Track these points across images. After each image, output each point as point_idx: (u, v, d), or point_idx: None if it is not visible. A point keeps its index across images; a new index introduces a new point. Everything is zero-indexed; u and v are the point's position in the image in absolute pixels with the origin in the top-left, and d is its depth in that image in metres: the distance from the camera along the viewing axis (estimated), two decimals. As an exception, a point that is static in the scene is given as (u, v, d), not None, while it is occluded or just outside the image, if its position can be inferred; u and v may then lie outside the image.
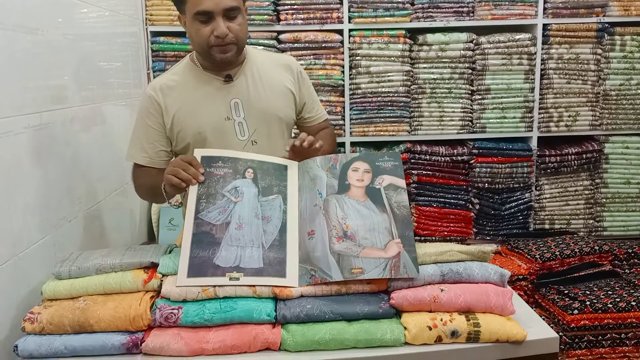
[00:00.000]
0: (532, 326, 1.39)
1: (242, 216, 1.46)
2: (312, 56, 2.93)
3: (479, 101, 2.98)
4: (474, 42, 2.94)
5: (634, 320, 2.17)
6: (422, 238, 3.02)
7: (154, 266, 1.45)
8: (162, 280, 1.41)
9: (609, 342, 2.19)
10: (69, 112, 1.92)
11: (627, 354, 2.20)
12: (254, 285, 1.37)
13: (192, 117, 1.73)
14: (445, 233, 3.03)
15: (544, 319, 1.54)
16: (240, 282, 1.37)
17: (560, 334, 2.14)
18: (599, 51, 2.98)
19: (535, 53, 2.95)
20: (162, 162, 1.77)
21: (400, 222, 1.45)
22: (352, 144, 3.02)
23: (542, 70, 2.98)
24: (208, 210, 1.46)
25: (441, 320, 1.34)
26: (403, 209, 1.46)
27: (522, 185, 3.03)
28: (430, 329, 1.32)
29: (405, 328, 1.33)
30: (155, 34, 2.94)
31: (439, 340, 1.32)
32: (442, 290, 1.37)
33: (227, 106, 1.75)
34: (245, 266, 1.39)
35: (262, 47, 2.84)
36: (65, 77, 1.93)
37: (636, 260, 2.68)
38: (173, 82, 1.76)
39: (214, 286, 1.36)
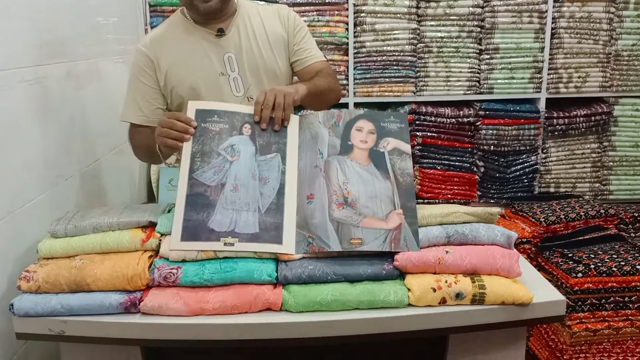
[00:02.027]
0: (538, 289, 1.36)
1: (238, 177, 1.41)
2: (315, 12, 2.83)
3: (487, 61, 2.90)
4: (483, -2, 2.84)
5: (638, 284, 2.15)
6: (425, 201, 2.98)
7: (152, 225, 1.42)
8: (160, 240, 1.38)
9: (612, 305, 2.17)
10: (65, 67, 1.86)
11: (629, 317, 2.18)
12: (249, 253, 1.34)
13: (185, 73, 1.67)
14: (449, 196, 3.00)
15: (548, 282, 1.51)
16: (234, 247, 1.33)
17: (565, 299, 2.12)
18: (612, 10, 2.88)
19: (547, 11, 2.85)
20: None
21: (403, 191, 1.39)
22: (356, 104, 2.95)
23: (552, 29, 2.89)
24: (203, 169, 1.40)
25: (446, 282, 1.31)
26: (407, 177, 1.41)
27: (528, 147, 2.98)
28: (434, 290, 1.29)
29: (408, 289, 1.31)
30: (153, -12, 2.83)
31: (443, 302, 1.30)
32: (447, 251, 1.34)
33: (220, 61, 1.69)
34: (241, 231, 1.35)
35: (263, 2, 2.75)
36: (61, 31, 1.86)
37: (642, 225, 2.65)
38: (164, 37, 1.70)
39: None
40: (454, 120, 2.90)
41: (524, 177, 3.02)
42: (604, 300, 2.17)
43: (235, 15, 1.72)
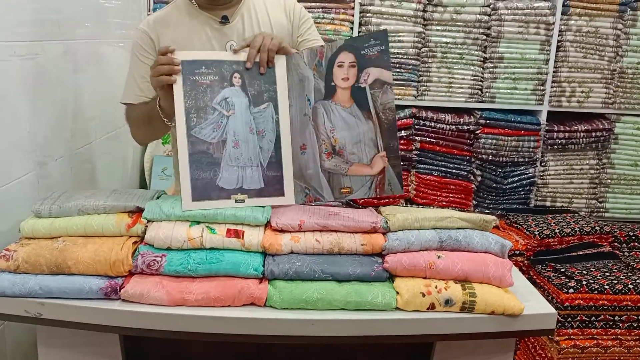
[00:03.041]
0: (529, 300, 1.34)
1: (237, 132, 1.43)
2: (320, 9, 2.80)
3: (491, 69, 2.88)
4: (491, 6, 2.81)
5: (629, 303, 2.13)
6: (420, 207, 2.95)
7: (139, 211, 1.38)
8: (146, 226, 1.35)
9: (602, 323, 2.15)
10: (62, 46, 1.82)
11: (619, 336, 2.16)
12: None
13: None
14: (444, 203, 2.96)
15: (540, 295, 1.49)
16: (245, 203, 1.39)
17: (554, 310, 2.10)
18: (620, 26, 2.85)
19: (554, 23, 2.82)
20: None
21: (385, 130, 1.39)
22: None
23: (558, 41, 2.86)
24: (201, 126, 1.40)
25: (436, 287, 1.28)
26: (389, 113, 1.39)
27: (527, 159, 2.95)
28: (423, 295, 1.27)
29: (397, 293, 1.28)
30: (158, -27, 2.80)
31: (431, 307, 1.27)
32: (439, 256, 1.31)
33: (222, 48, 1.66)
34: (248, 187, 1.41)
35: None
36: (60, 10, 1.82)
37: (636, 244, 2.62)
38: (167, 18, 1.67)
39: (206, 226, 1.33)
40: (453, 127, 2.87)
41: (521, 189, 2.99)
42: (594, 318, 2.14)
43: (241, 4, 1.70)
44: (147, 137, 1.78)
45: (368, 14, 2.80)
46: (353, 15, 2.81)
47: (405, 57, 2.83)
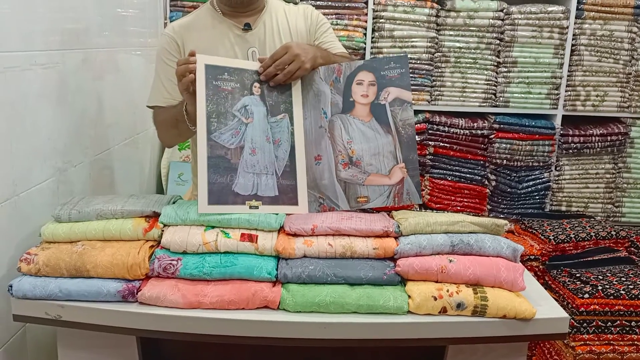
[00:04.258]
0: (541, 304, 1.34)
1: (254, 140, 1.46)
2: (334, 15, 2.82)
3: (505, 74, 2.87)
4: (504, 11, 2.81)
5: (646, 308, 2.11)
6: (434, 211, 2.95)
7: (155, 215, 1.41)
8: (163, 231, 1.38)
9: (618, 329, 2.13)
10: (82, 54, 1.86)
11: (635, 342, 2.14)
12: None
13: None
14: (459, 208, 2.96)
15: (553, 300, 1.48)
16: (259, 210, 1.41)
17: (569, 317, 2.08)
18: (635, 29, 2.83)
19: (568, 27, 2.81)
20: None
21: (405, 144, 1.42)
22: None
23: (572, 45, 2.85)
24: (220, 131, 1.44)
25: (447, 291, 1.29)
26: (408, 128, 1.42)
27: (541, 164, 2.94)
28: (435, 299, 1.27)
29: (409, 296, 1.29)
30: (175, -18, 2.85)
31: (443, 311, 1.28)
32: (450, 260, 1.32)
33: (244, 55, 1.70)
34: (263, 194, 1.44)
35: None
36: (80, 19, 1.87)
37: (653, 249, 2.60)
38: (192, 25, 1.72)
39: (220, 230, 1.36)
40: (467, 131, 2.87)
41: (536, 193, 2.97)
42: (610, 323, 2.13)
43: (263, 11, 1.75)
44: (174, 140, 1.82)
45: (381, 20, 2.82)
46: (366, 22, 2.83)
47: (418, 62, 2.84)
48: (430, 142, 2.89)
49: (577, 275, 2.23)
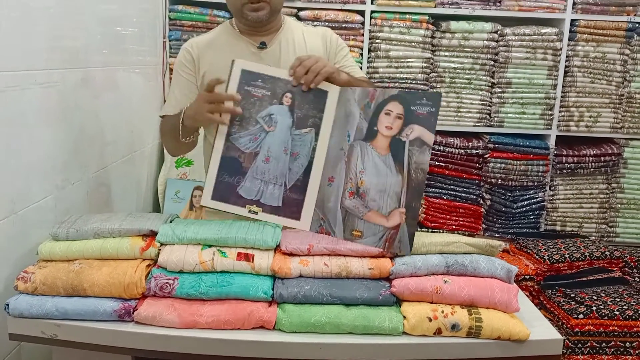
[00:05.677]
0: (535, 325, 1.34)
1: (271, 149, 1.47)
2: (331, 36, 2.86)
3: (499, 94, 2.91)
4: (498, 32, 2.86)
5: (640, 329, 2.12)
6: (430, 230, 2.97)
7: (152, 234, 1.42)
8: (159, 249, 1.38)
9: (612, 349, 2.13)
10: (81, 73, 1.88)
11: (630, 363, 2.15)
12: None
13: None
14: (454, 227, 2.98)
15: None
16: (258, 216, 1.44)
17: (563, 337, 2.09)
18: (627, 52, 2.89)
19: (561, 49, 2.87)
20: None
21: (412, 189, 1.40)
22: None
23: (566, 67, 2.90)
24: (239, 134, 1.46)
25: (442, 312, 1.29)
26: (420, 173, 1.41)
27: (536, 183, 2.96)
28: (430, 320, 1.28)
29: (404, 317, 1.29)
30: (174, 1, 2.89)
31: (438, 332, 1.29)
32: (445, 281, 1.33)
33: None
34: (265, 202, 1.45)
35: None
36: (79, 38, 1.89)
37: (647, 269, 2.62)
38: (209, 42, 1.76)
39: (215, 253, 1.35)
40: (462, 151, 2.90)
41: (530, 213, 3.00)
42: (604, 344, 2.13)
43: (279, 31, 1.77)
44: (175, 150, 1.83)
45: (377, 40, 2.86)
46: (362, 42, 2.87)
47: (413, 82, 2.88)
48: (425, 161, 2.91)
49: (572, 295, 2.24)
